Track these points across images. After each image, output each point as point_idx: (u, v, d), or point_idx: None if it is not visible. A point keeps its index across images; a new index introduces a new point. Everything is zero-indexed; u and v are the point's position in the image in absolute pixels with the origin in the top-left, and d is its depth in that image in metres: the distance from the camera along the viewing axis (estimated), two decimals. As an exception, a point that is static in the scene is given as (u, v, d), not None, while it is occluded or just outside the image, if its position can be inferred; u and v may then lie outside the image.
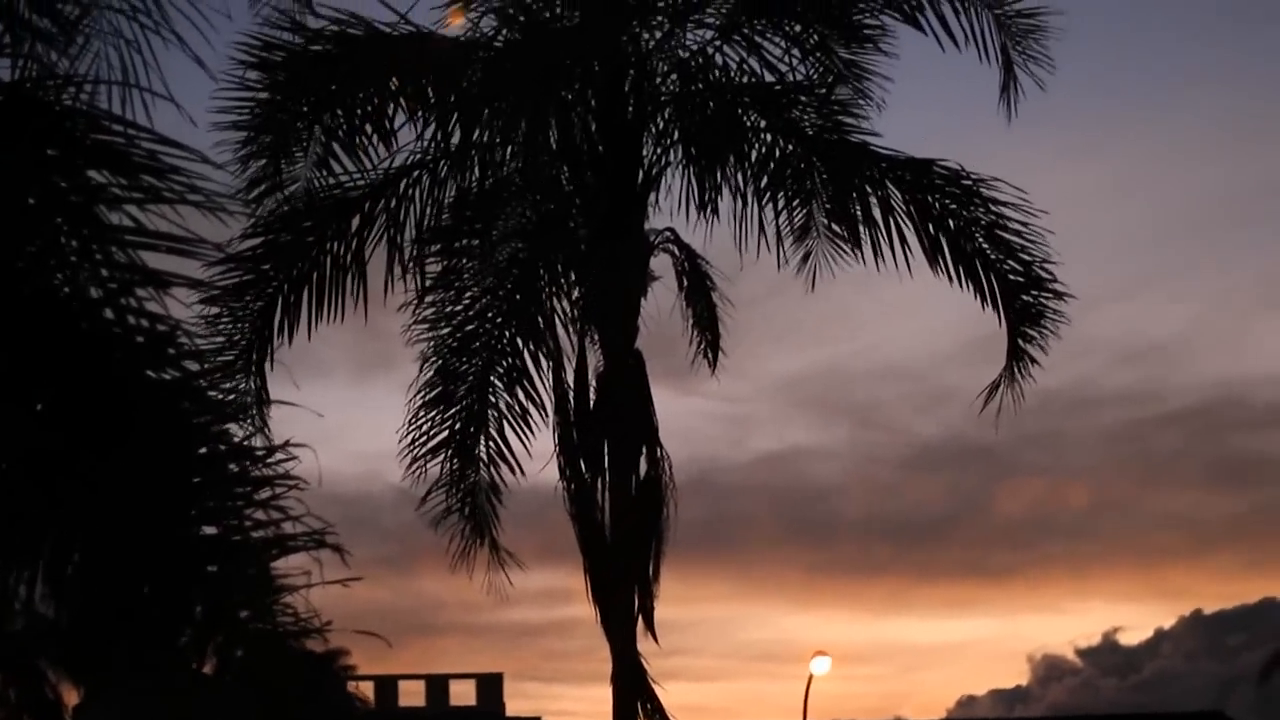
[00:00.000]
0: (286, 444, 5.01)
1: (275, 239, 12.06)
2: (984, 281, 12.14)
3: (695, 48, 12.12)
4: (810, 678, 31.30)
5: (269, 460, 5.02)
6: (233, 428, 5.12)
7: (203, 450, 5.05)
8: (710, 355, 12.79)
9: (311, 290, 12.07)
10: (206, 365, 5.24)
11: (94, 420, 4.84)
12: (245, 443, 5.16)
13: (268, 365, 12.02)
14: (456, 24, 11.94)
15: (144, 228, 4.71)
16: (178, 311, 4.81)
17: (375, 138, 11.83)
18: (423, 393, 12.13)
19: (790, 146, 11.93)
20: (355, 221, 12.10)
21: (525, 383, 11.98)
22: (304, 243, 12.10)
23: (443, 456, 12.29)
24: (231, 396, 10.36)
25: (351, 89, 11.71)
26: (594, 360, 11.97)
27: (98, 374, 4.82)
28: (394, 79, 11.72)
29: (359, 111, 11.76)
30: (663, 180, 12.04)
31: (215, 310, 11.95)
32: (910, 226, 11.95)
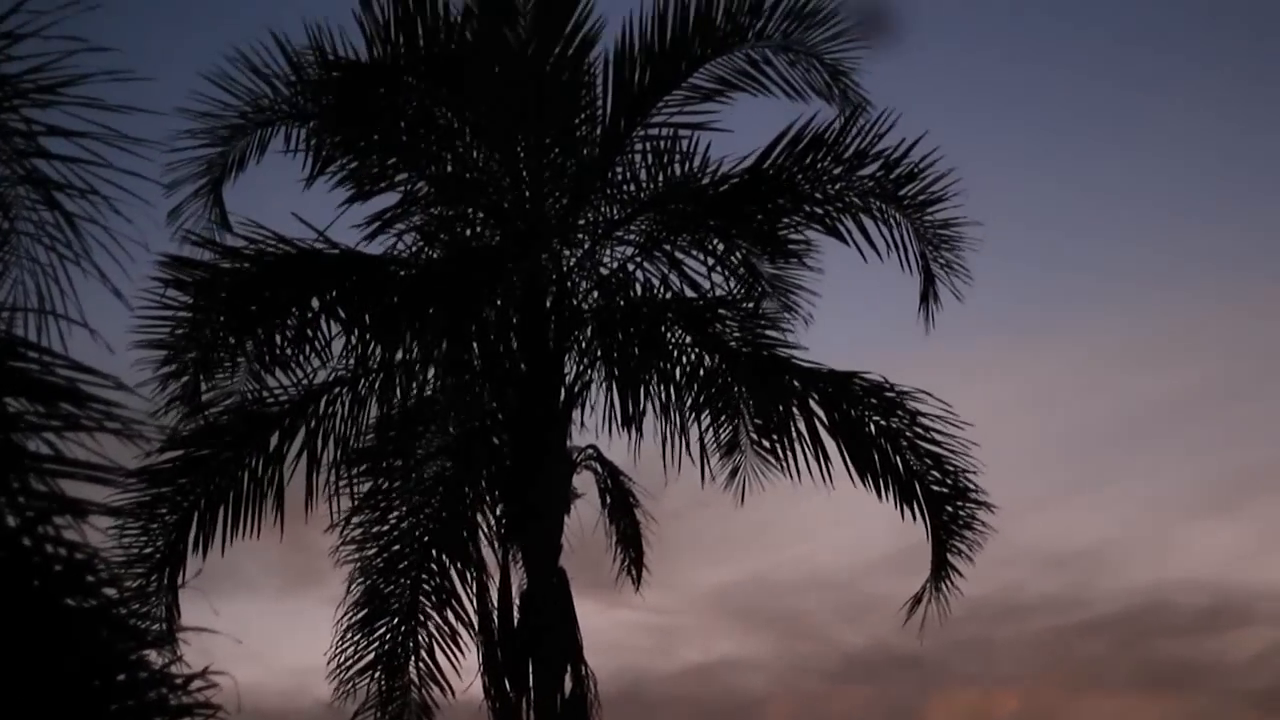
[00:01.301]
0: (206, 671, 4.93)
1: (193, 453, 11.98)
2: (909, 493, 12.16)
3: (617, 265, 12.19)
4: None
5: (189, 687, 4.94)
6: (152, 654, 5.04)
7: (121, 677, 4.97)
8: (634, 572, 12.74)
9: (229, 507, 11.97)
10: (125, 592, 5.16)
11: (11, 649, 4.75)
12: (165, 669, 5.07)
13: (184, 581, 11.89)
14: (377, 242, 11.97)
15: (62, 455, 4.66)
16: (95, 537, 4.74)
17: (296, 355, 11.79)
18: (350, 613, 12.02)
19: (715, 362, 11.96)
20: (275, 438, 12.03)
21: (454, 603, 11.89)
22: (222, 459, 12.02)
23: (371, 676, 12.15)
24: (149, 622, 10.22)
25: (271, 308, 11.67)
26: (518, 577, 11.88)
27: (15, 602, 4.74)
28: (315, 297, 11.71)
29: (279, 330, 11.72)
30: (586, 397, 12.04)
31: (130, 528, 11.83)
32: (835, 440, 11.97)
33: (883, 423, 12.01)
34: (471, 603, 11.85)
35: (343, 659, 12.03)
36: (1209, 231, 22.56)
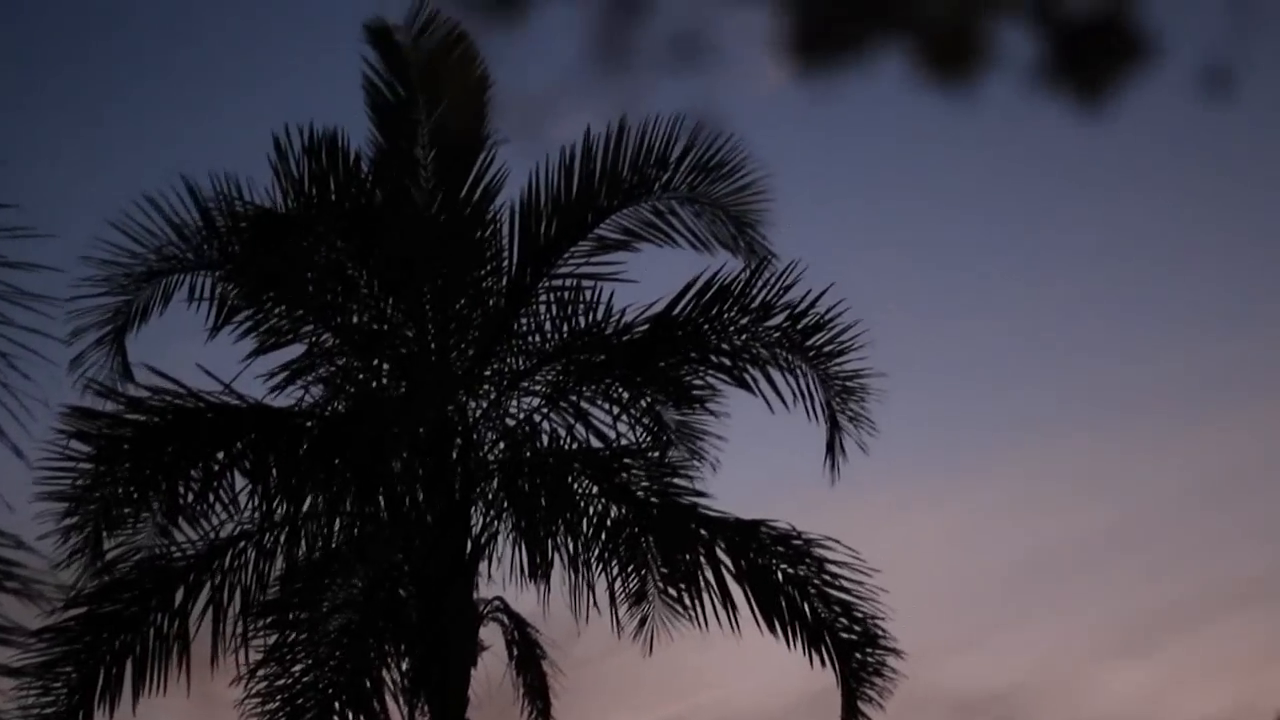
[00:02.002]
0: None
1: (96, 610, 11.85)
2: (817, 639, 12.15)
3: (523, 416, 12.20)
4: None
5: None
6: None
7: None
8: (543, 724, 12.67)
9: (135, 663, 11.83)
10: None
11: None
12: None
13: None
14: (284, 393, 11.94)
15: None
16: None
17: (202, 508, 11.71)
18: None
19: (622, 511, 11.96)
20: (180, 593, 11.92)
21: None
22: (127, 615, 11.89)
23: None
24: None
25: (176, 461, 11.61)
26: (426, 730, 11.78)
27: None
28: (220, 450, 11.64)
29: (184, 483, 11.65)
30: (493, 548, 12.00)
31: (32, 688, 11.66)
32: (742, 587, 11.96)
33: (790, 570, 12.02)
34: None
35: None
36: (1115, 374, 22.81)
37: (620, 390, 12.22)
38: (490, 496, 12.03)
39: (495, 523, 12.01)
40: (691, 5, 1.51)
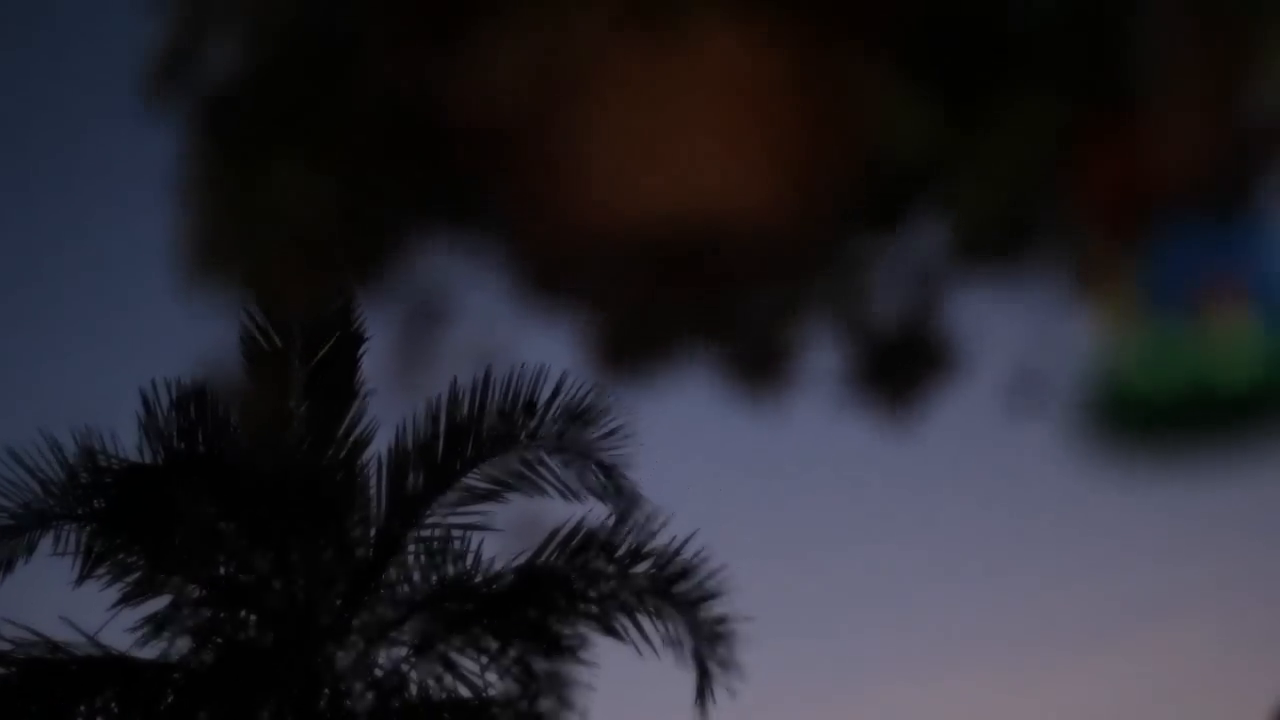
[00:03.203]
0: None
1: None
2: None
3: (391, 666, 12.13)
4: None
5: None
6: None
7: None
8: None
9: None
10: None
11: None
12: None
13: None
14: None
15: None
16: None
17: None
18: None
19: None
20: None
21: None
22: None
23: None
24: None
25: (37, 715, 11.43)
26: None
27: None
28: (83, 704, 11.48)
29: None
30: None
31: None
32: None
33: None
34: None
35: None
36: (975, 613, 22.93)
37: (489, 640, 12.17)
38: (358, 748, 11.91)
39: (365, 774, 11.87)
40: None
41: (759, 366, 1.74)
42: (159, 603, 11.94)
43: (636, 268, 1.48)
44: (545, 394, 12.27)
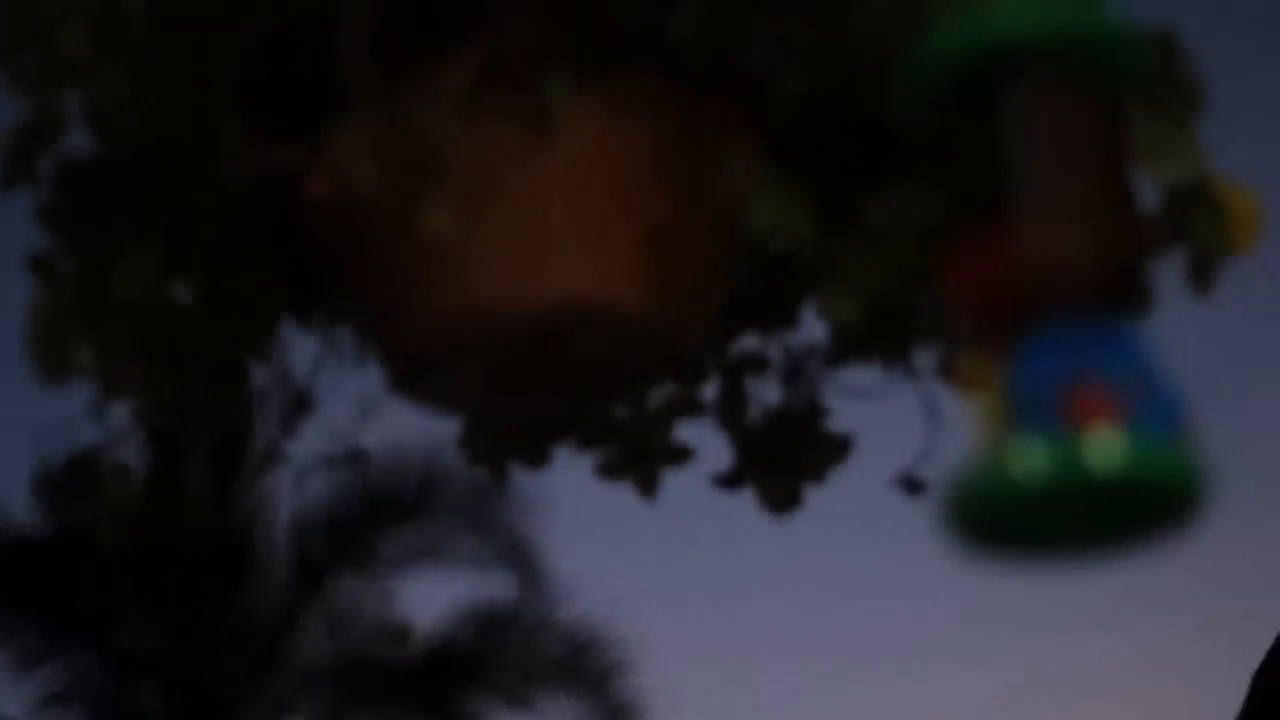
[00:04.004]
0: None
1: None
2: None
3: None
4: None
5: None
6: None
7: None
8: None
9: None
10: None
11: None
12: None
13: None
14: None
15: None
16: None
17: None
18: None
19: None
20: None
21: None
22: None
23: None
24: None
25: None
26: None
27: None
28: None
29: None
30: None
31: None
32: None
33: None
34: None
35: None
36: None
37: (395, 715, 12.05)
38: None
39: None
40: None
41: (638, 460, 1.70)
42: (56, 673, 11.77)
43: (501, 365, 1.43)
44: (460, 466, 12.18)
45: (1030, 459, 0.93)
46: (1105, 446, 0.93)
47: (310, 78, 1.35)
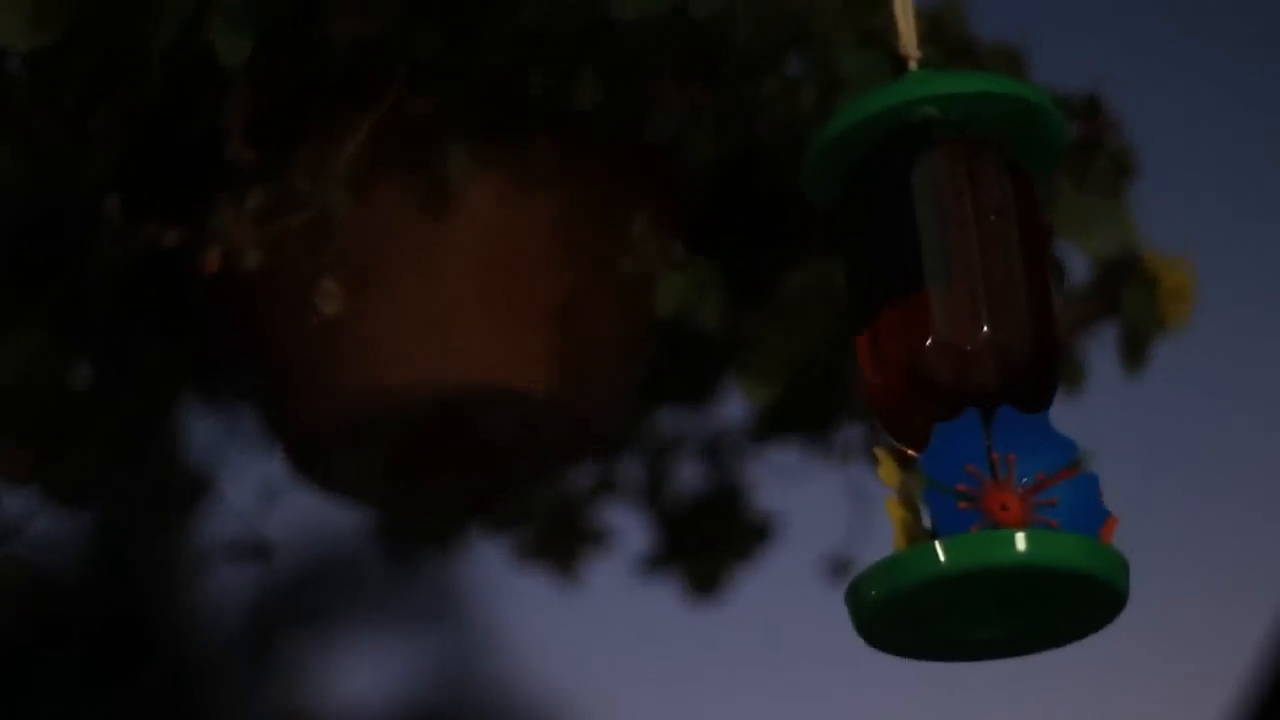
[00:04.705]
0: None
1: None
2: None
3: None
4: None
5: None
6: None
7: None
8: None
9: None
10: None
11: None
12: None
13: None
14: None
15: None
16: None
17: None
18: None
19: None
20: None
21: None
22: None
23: None
24: None
25: None
26: None
27: None
28: None
29: None
30: None
31: None
32: None
33: None
34: None
35: None
36: None
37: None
38: None
39: None
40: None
41: (556, 543, 1.65)
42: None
43: (404, 447, 1.37)
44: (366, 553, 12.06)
45: (936, 549, 0.89)
46: (1013, 537, 0.88)
47: (197, 149, 1.29)
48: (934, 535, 0.90)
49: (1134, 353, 1.50)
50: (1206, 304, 1.55)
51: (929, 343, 0.93)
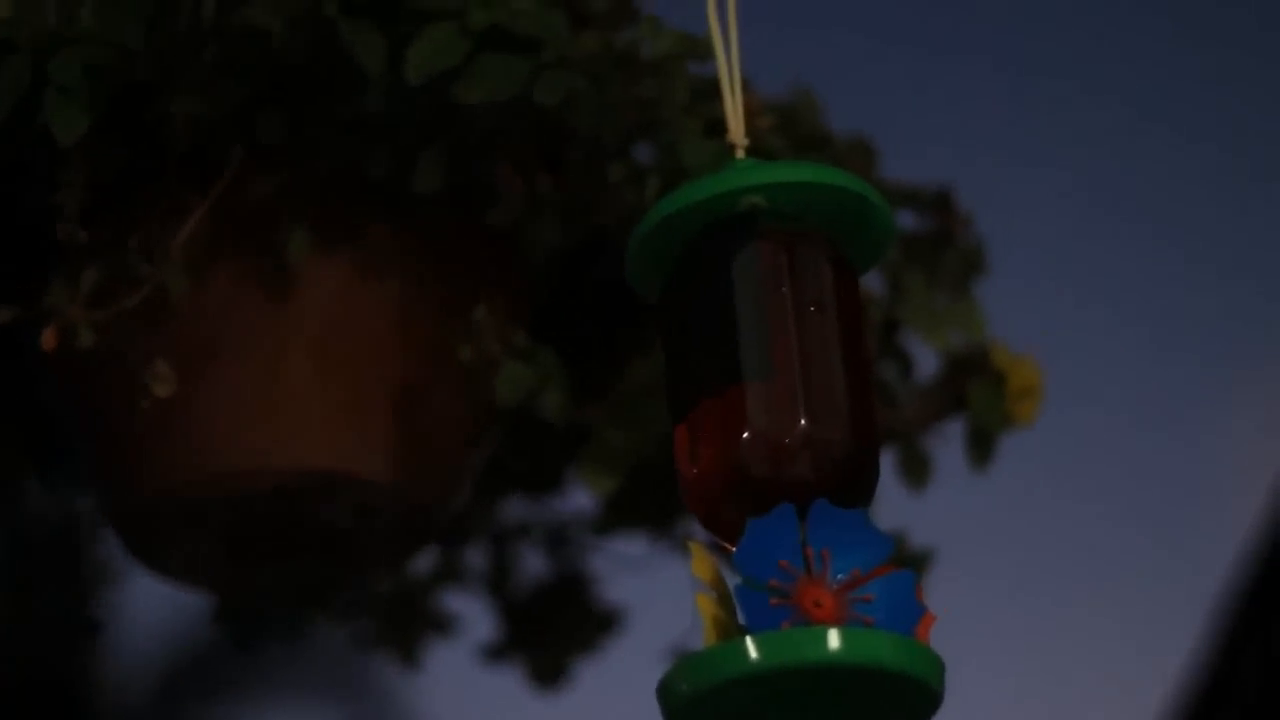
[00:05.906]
0: None
1: None
2: None
3: None
4: None
5: None
6: None
7: None
8: None
9: None
10: None
11: None
12: None
13: None
14: None
15: None
16: None
17: None
18: None
19: None
20: None
21: None
22: None
23: None
24: None
25: None
26: None
27: None
28: None
29: None
30: None
31: None
32: None
33: None
34: None
35: None
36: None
37: None
38: None
39: None
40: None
41: (398, 630, 1.63)
42: None
43: (241, 534, 1.35)
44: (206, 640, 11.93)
45: (747, 645, 0.88)
46: (826, 634, 0.88)
47: (33, 227, 1.27)
48: (739, 629, 0.90)
49: (980, 448, 1.50)
50: (1055, 401, 1.56)
51: (745, 436, 0.93)
